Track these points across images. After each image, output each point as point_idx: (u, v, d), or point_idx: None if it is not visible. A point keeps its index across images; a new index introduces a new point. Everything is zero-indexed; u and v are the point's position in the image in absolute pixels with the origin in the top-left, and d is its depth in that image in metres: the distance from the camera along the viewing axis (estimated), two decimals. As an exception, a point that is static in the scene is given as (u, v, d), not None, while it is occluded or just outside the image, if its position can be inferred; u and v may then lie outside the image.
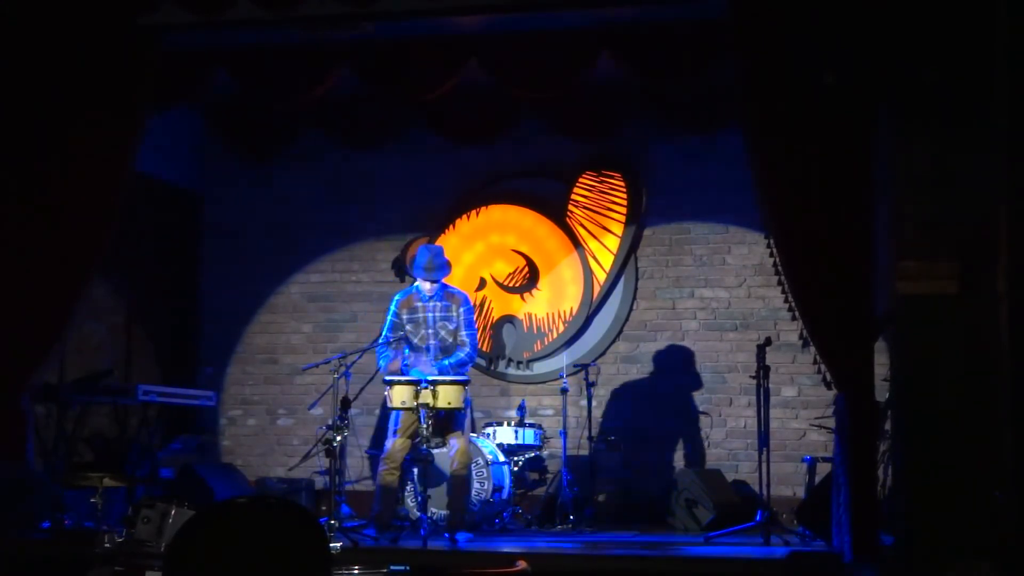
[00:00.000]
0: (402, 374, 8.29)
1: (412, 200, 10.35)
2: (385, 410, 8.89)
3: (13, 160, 8.04)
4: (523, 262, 10.18)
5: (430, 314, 8.45)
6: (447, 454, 8.20)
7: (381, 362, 8.51)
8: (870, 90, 7.01)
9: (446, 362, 8.37)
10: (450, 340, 8.48)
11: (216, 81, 8.76)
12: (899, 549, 6.88)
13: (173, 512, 5.80)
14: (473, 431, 9.01)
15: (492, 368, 10.13)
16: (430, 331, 8.43)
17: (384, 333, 8.53)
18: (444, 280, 8.50)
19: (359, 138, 9.83)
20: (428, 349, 8.44)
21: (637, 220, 9.97)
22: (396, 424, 8.29)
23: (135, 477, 8.35)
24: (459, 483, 8.20)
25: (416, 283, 8.60)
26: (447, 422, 8.10)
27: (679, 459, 9.70)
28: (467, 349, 8.48)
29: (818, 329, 7.11)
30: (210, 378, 10.55)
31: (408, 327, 8.45)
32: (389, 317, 8.54)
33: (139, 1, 7.91)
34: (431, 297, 8.45)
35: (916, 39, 6.95)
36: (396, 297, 8.63)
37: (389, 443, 8.31)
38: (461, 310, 8.53)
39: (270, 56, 8.59)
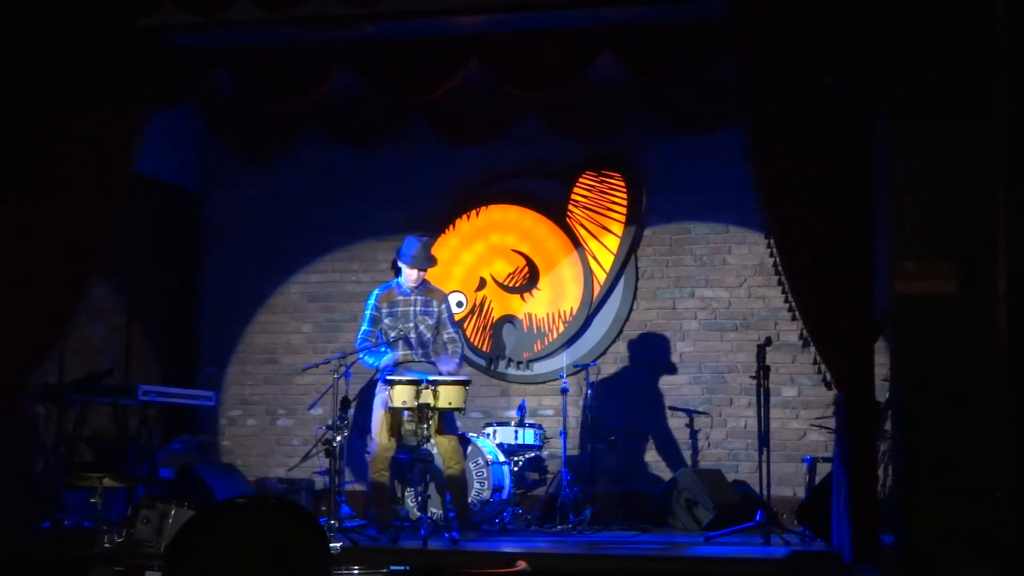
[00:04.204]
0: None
1: (412, 200, 10.35)
2: (365, 408, 8.88)
3: (13, 160, 8.04)
4: (523, 262, 10.18)
5: (411, 308, 8.48)
6: (437, 456, 8.17)
7: (370, 359, 8.45)
8: (870, 90, 7.01)
9: (446, 363, 8.41)
10: (428, 335, 8.49)
11: (216, 81, 8.76)
12: (899, 549, 6.88)
13: (173, 512, 5.78)
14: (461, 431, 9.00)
15: (492, 368, 10.13)
16: (411, 325, 8.44)
17: (364, 328, 8.54)
18: (425, 276, 8.56)
19: (359, 138, 9.81)
20: (409, 343, 8.44)
21: (637, 220, 9.97)
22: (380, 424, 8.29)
23: (135, 477, 8.34)
24: (456, 484, 8.21)
25: (396, 278, 8.61)
26: (440, 422, 8.10)
27: (678, 459, 9.69)
28: (459, 345, 8.57)
29: (818, 329, 7.11)
30: (210, 378, 10.55)
31: (387, 321, 8.46)
32: (368, 312, 8.55)
33: (140, 1, 7.92)
34: (412, 291, 8.47)
35: (916, 39, 6.95)
36: (375, 292, 8.65)
37: (375, 444, 8.30)
38: (443, 307, 8.56)
39: (270, 56, 8.59)
